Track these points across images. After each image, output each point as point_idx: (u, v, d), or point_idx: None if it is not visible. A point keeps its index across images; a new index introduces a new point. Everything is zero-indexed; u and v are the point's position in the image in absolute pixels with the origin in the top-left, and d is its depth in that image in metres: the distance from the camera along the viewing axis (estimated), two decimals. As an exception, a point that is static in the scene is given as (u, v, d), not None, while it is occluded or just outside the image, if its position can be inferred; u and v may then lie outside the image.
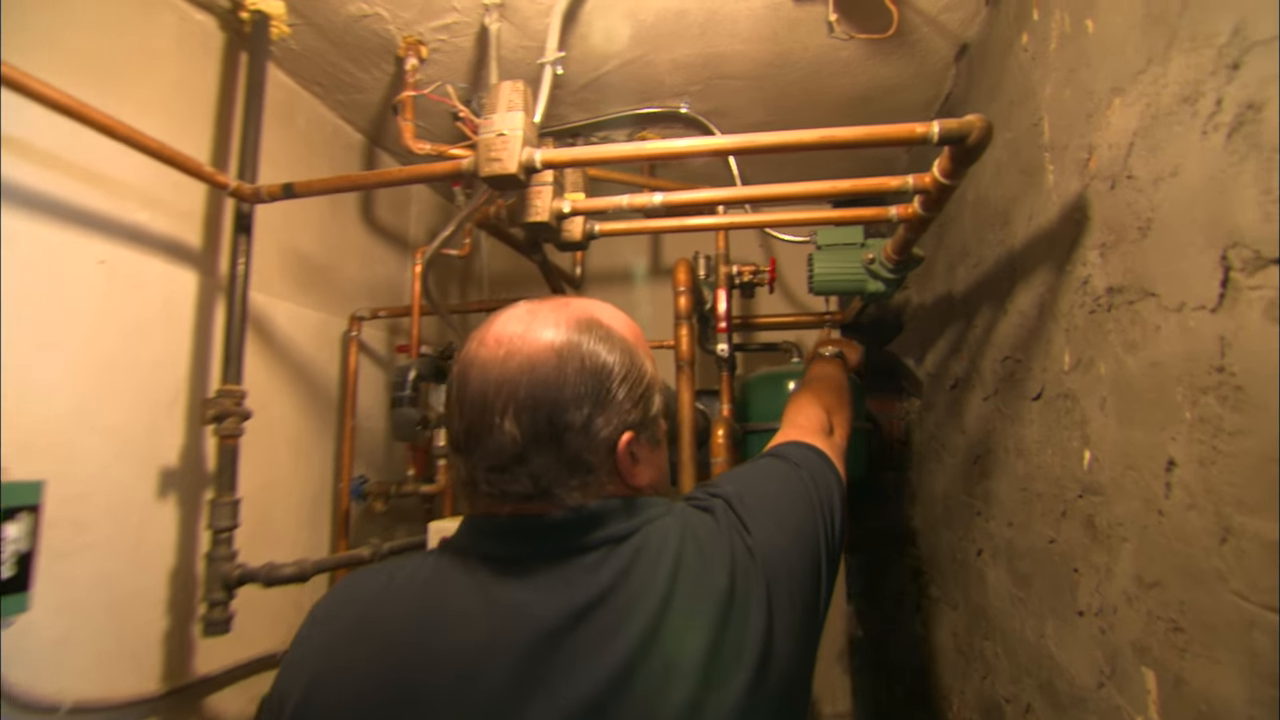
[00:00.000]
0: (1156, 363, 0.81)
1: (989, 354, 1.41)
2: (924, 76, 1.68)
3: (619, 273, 2.57)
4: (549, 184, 1.19)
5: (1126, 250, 0.87)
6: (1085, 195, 0.98)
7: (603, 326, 0.62)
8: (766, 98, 1.78)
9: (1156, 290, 0.81)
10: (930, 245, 1.93)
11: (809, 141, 0.91)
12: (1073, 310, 1.03)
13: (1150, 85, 0.82)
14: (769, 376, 1.89)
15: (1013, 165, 1.28)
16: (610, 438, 0.59)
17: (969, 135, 0.88)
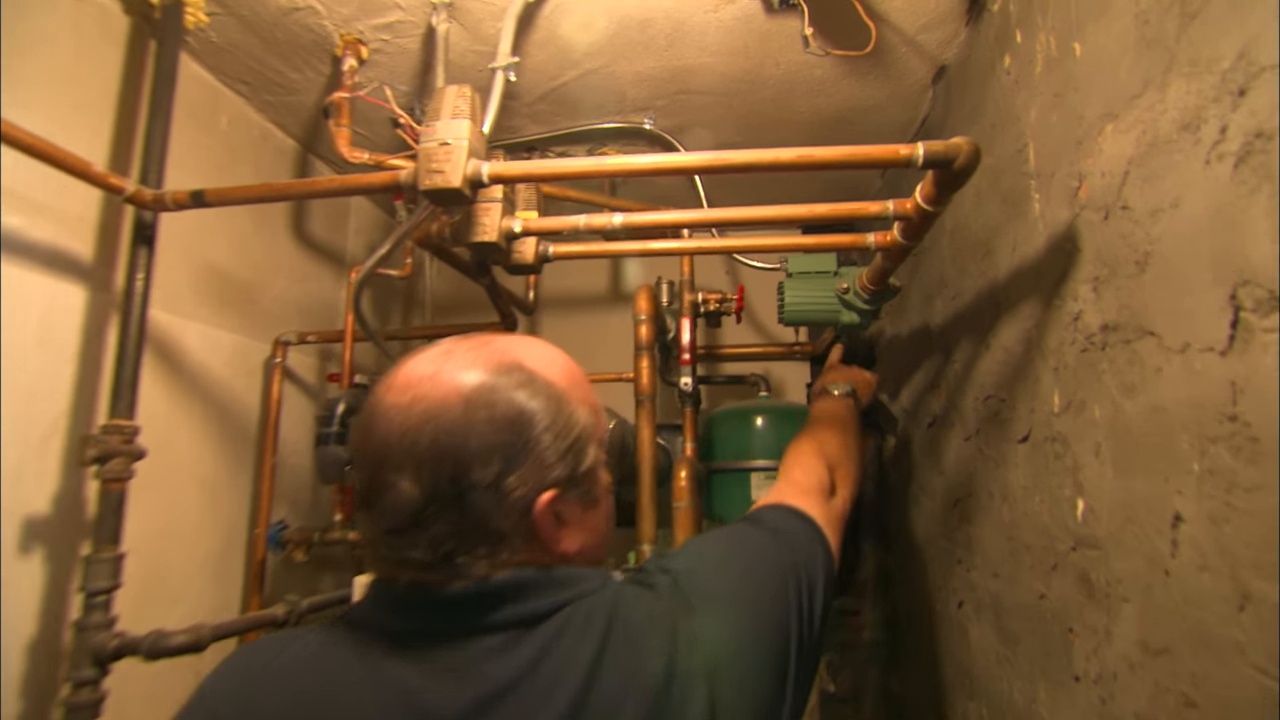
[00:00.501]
0: (1158, 408, 0.78)
1: (970, 391, 1.39)
2: (900, 98, 1.68)
3: (577, 298, 2.52)
4: (498, 201, 1.13)
5: (1122, 285, 0.85)
6: (1075, 226, 0.97)
7: (524, 370, 0.57)
8: (736, 115, 1.77)
9: (1157, 329, 0.79)
10: (905, 275, 1.93)
11: (785, 161, 0.88)
12: (1062, 348, 1.01)
13: (1146, 111, 0.80)
14: (735, 412, 1.85)
15: (994, 193, 1.27)
16: (525, 498, 0.54)
17: (955, 159, 0.86)
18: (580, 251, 1.29)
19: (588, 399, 0.62)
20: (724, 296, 1.76)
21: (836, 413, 1.16)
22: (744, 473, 1.75)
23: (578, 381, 0.62)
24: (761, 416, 1.81)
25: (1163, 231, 0.77)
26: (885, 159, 0.86)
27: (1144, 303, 0.81)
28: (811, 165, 0.88)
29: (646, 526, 1.44)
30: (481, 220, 1.13)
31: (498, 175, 0.96)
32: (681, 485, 1.41)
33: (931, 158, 0.84)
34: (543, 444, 0.55)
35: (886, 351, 2.12)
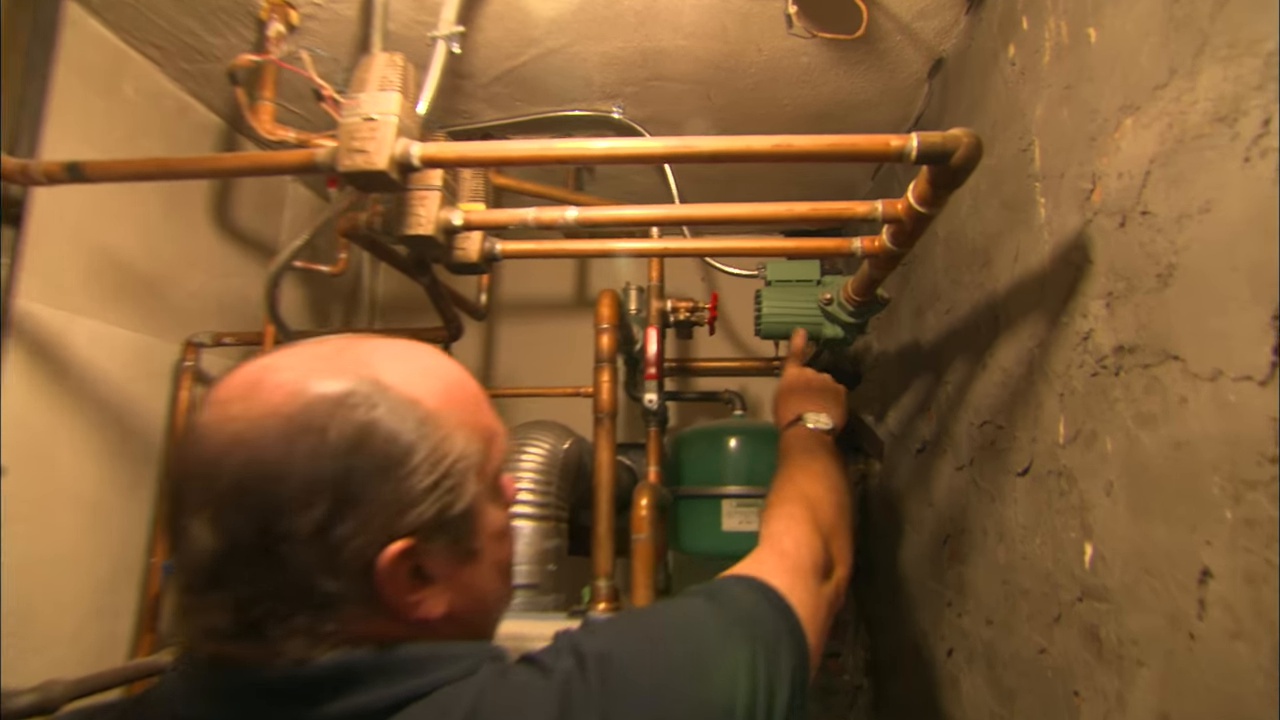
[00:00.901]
0: (1183, 444, 0.72)
1: (964, 416, 1.33)
2: (893, 93, 1.63)
3: (538, 303, 2.44)
4: (436, 189, 1.05)
5: (1141, 302, 0.79)
6: (1086, 233, 0.91)
7: (379, 384, 0.48)
8: (714, 106, 1.70)
9: (1182, 353, 0.72)
10: (894, 286, 1.88)
11: (760, 151, 0.80)
12: (1069, 371, 0.95)
13: (1173, 102, 0.74)
14: (706, 432, 1.78)
15: (994, 196, 1.22)
16: (365, 550, 0.45)
17: (953, 152, 0.79)
18: (532, 250, 1.21)
19: (473, 421, 0.53)
20: (695, 305, 1.69)
21: (820, 453, 1.04)
22: (714, 499, 1.68)
23: (459, 400, 0.53)
24: (735, 437, 1.74)
25: (1190, 240, 0.71)
26: (873, 151, 0.78)
27: (1167, 322, 0.75)
28: (790, 156, 0.81)
29: (603, 559, 1.36)
30: (416, 211, 1.04)
31: (431, 158, 0.87)
32: (641, 514, 1.32)
33: (926, 151, 0.77)
34: (395, 479, 0.46)
35: (873, 369, 2.07)
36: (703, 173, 2.05)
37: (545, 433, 1.36)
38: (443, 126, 1.71)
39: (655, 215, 0.99)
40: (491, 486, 0.55)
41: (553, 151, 0.84)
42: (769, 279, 1.53)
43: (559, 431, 1.40)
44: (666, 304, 1.69)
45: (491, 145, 0.86)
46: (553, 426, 1.41)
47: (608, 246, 1.19)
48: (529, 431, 1.36)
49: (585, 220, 1.02)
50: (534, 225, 1.02)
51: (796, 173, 2.07)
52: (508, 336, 2.42)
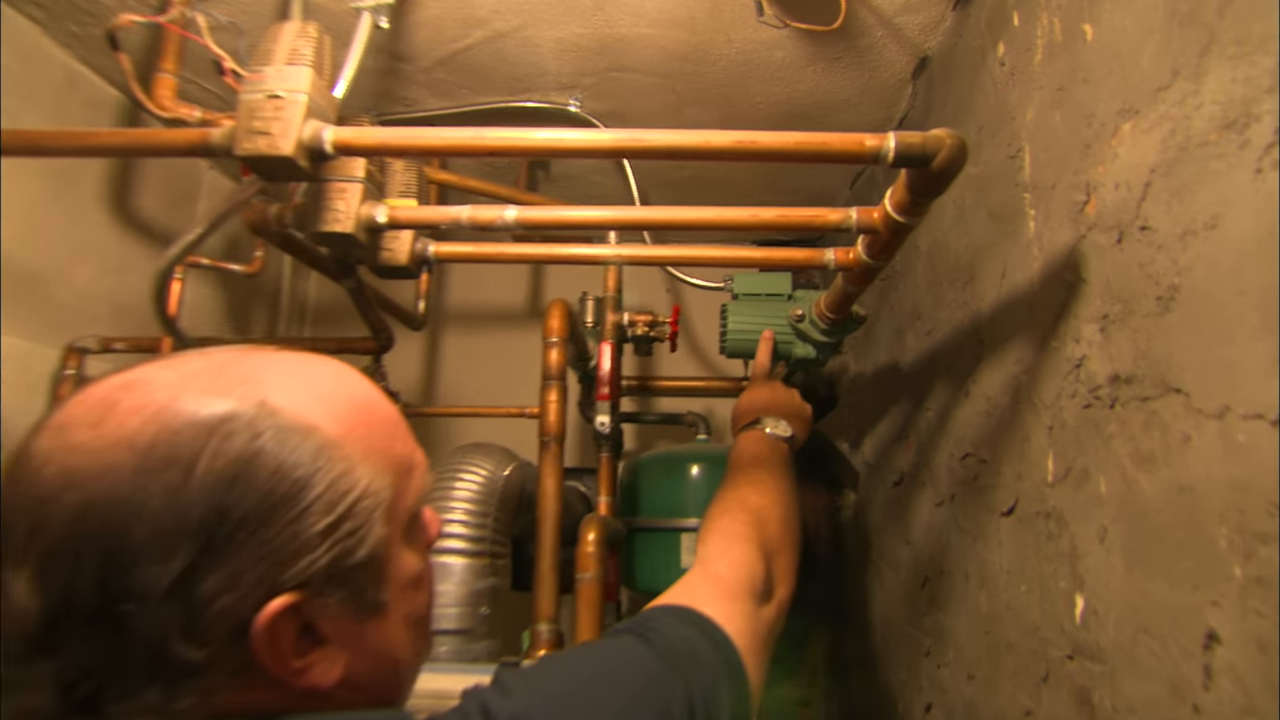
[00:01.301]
0: (1186, 488, 0.68)
1: (944, 447, 1.30)
2: (874, 93, 1.61)
3: (487, 312, 2.38)
4: (358, 181, 0.99)
5: (1139, 327, 0.76)
6: (1080, 250, 0.88)
7: (265, 408, 0.44)
8: (680, 102, 1.67)
9: (1185, 386, 0.69)
10: (872, 302, 1.86)
11: (721, 147, 0.76)
12: (1060, 401, 0.92)
13: (1176, 106, 0.72)
14: (665, 458, 1.74)
15: (980, 207, 1.20)
16: (236, 609, 0.40)
17: (935, 155, 0.76)
18: (470, 254, 1.15)
19: (384, 450, 0.49)
20: (655, 319, 1.65)
21: (773, 463, 1.02)
22: (673, 533, 1.63)
23: (368, 425, 0.48)
24: (698, 464, 1.70)
25: (1195, 259, 0.68)
26: (846, 151, 0.75)
27: (1167, 350, 0.72)
28: (753, 154, 0.76)
29: (545, 600, 1.29)
30: (334, 205, 0.98)
31: (347, 144, 0.82)
32: (588, 551, 1.27)
33: (905, 153, 0.74)
34: (280, 522, 0.42)
35: (849, 392, 2.04)
36: (668, 175, 2.02)
37: (484, 457, 1.30)
38: (379, 114, 1.65)
39: (603, 218, 0.94)
40: (406, 527, 0.51)
41: (485, 141, 0.79)
42: (736, 292, 1.49)
43: (500, 456, 1.34)
44: (623, 317, 1.65)
45: (416, 132, 0.80)
46: (493, 450, 1.35)
47: (554, 252, 1.14)
48: (466, 455, 1.30)
49: (526, 221, 0.97)
50: (468, 225, 0.97)
51: (771, 178, 2.05)
52: (452, 348, 2.36)
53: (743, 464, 1.00)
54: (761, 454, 1.03)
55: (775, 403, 1.16)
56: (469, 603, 1.15)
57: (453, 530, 1.16)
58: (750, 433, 1.09)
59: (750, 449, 1.04)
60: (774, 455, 1.03)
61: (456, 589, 1.14)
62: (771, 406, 1.15)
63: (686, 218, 0.95)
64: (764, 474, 0.96)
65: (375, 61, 1.50)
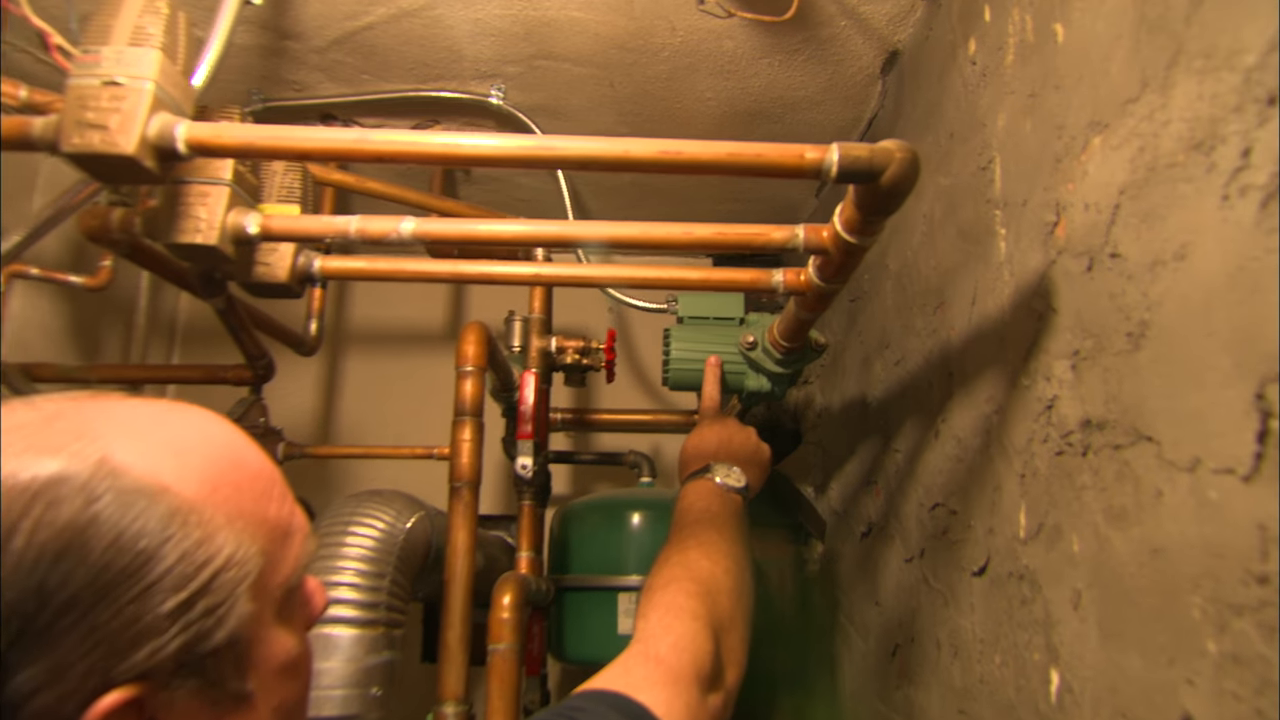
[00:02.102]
0: (1159, 550, 0.71)
1: (913, 494, 1.33)
2: (840, 90, 1.65)
3: (396, 333, 2.37)
4: (224, 184, 0.97)
5: (1110, 366, 0.79)
6: (1050, 276, 0.91)
7: (110, 466, 0.43)
8: (619, 97, 1.69)
9: (1156, 434, 0.72)
10: (840, 326, 1.89)
11: (641, 158, 0.77)
12: (1031, 446, 0.95)
13: (1145, 120, 0.75)
14: (600, 505, 1.74)
15: (950, 224, 1.23)
16: (59, 708, 0.40)
17: (883, 170, 0.77)
18: (363, 271, 1.14)
19: (254, 513, 0.48)
20: (588, 344, 1.65)
21: (724, 520, 1.00)
22: (608, 593, 1.63)
23: (234, 484, 0.48)
24: (639, 512, 1.70)
25: (1164, 293, 0.71)
26: (784, 165, 0.76)
27: (1139, 393, 0.74)
28: (681, 166, 0.78)
29: (452, 677, 1.28)
30: (194, 212, 0.96)
31: (204, 143, 0.81)
32: (502, 617, 1.26)
33: (850, 167, 0.76)
34: (119, 601, 0.41)
35: (815, 428, 2.07)
36: (609, 180, 2.04)
37: (382, 506, 1.29)
38: (264, 99, 1.65)
39: (515, 233, 0.94)
40: (281, 602, 0.50)
41: (371, 145, 0.78)
42: (681, 315, 1.51)
43: (402, 504, 1.33)
44: (550, 343, 1.65)
45: (289, 132, 0.80)
46: (394, 498, 1.34)
47: (464, 270, 1.14)
48: (361, 505, 1.28)
49: (425, 236, 0.97)
50: (357, 239, 0.96)
51: (727, 184, 2.09)
52: (354, 377, 2.34)
53: (689, 521, 0.99)
54: (711, 508, 1.01)
55: (727, 445, 1.15)
56: (358, 683, 1.12)
57: (340, 595, 1.14)
58: (698, 483, 1.07)
59: (698, 502, 1.03)
60: (725, 509, 1.02)
61: (342, 666, 1.11)
62: (723, 450, 1.13)
63: (610, 234, 0.96)
64: (714, 533, 0.95)
65: (257, 38, 1.49)
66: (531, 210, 2.21)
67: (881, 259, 1.56)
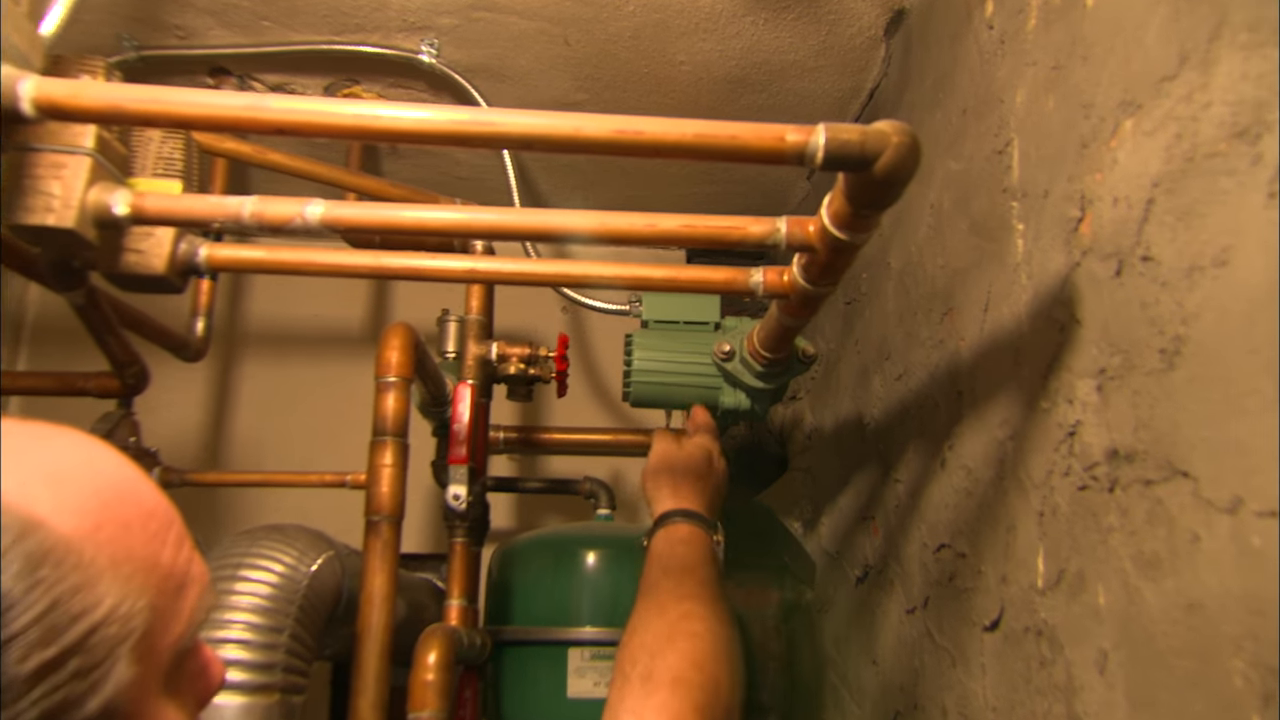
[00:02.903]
0: (1196, 605, 0.72)
1: (916, 533, 1.35)
2: (836, 54, 1.67)
3: (307, 335, 2.36)
4: (84, 154, 0.96)
5: (1140, 388, 0.80)
6: (1074, 281, 0.93)
7: None
8: (575, 58, 1.70)
9: (1192, 469, 0.73)
10: (834, 332, 1.91)
11: (592, 139, 0.77)
12: (1050, 480, 0.96)
13: (1183, 102, 0.76)
14: (549, 543, 1.75)
15: (961, 215, 1.25)
16: None
17: (877, 157, 0.78)
18: (262, 262, 1.13)
19: (143, 559, 0.48)
20: (534, 352, 1.65)
21: (705, 568, 1.06)
22: (557, 647, 1.62)
23: (120, 523, 0.47)
24: (595, 551, 1.70)
25: (1202, 303, 0.72)
26: (762, 149, 0.77)
27: (1172, 420, 0.76)
28: (640, 148, 0.78)
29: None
30: (45, 187, 0.95)
31: (56, 104, 0.76)
32: (425, 679, 1.25)
33: (838, 152, 0.76)
34: None
35: (805, 451, 2.08)
36: (564, 157, 2.05)
37: (282, 545, 1.27)
38: (139, 47, 1.65)
39: (443, 221, 0.94)
40: (169, 669, 0.49)
41: (268, 114, 0.77)
42: (645, 318, 1.51)
43: (307, 543, 1.32)
44: (491, 349, 1.65)
45: (166, 95, 0.78)
46: (297, 535, 1.32)
47: (385, 264, 1.14)
48: (255, 544, 1.26)
49: (336, 223, 0.96)
50: (252, 224, 0.95)
51: (705, 164, 2.09)
52: (253, 387, 2.33)
53: (668, 576, 1.04)
54: (692, 565, 1.06)
55: (668, 467, 1.22)
56: (249, 760, 1.11)
57: (228, 655, 1.12)
58: (672, 530, 1.14)
59: (675, 559, 1.08)
60: (706, 565, 1.07)
61: (232, 740, 1.10)
62: (663, 473, 1.22)
63: (559, 225, 0.96)
64: (696, 603, 0.99)
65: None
66: (472, 191, 2.21)
67: (882, 255, 1.58)
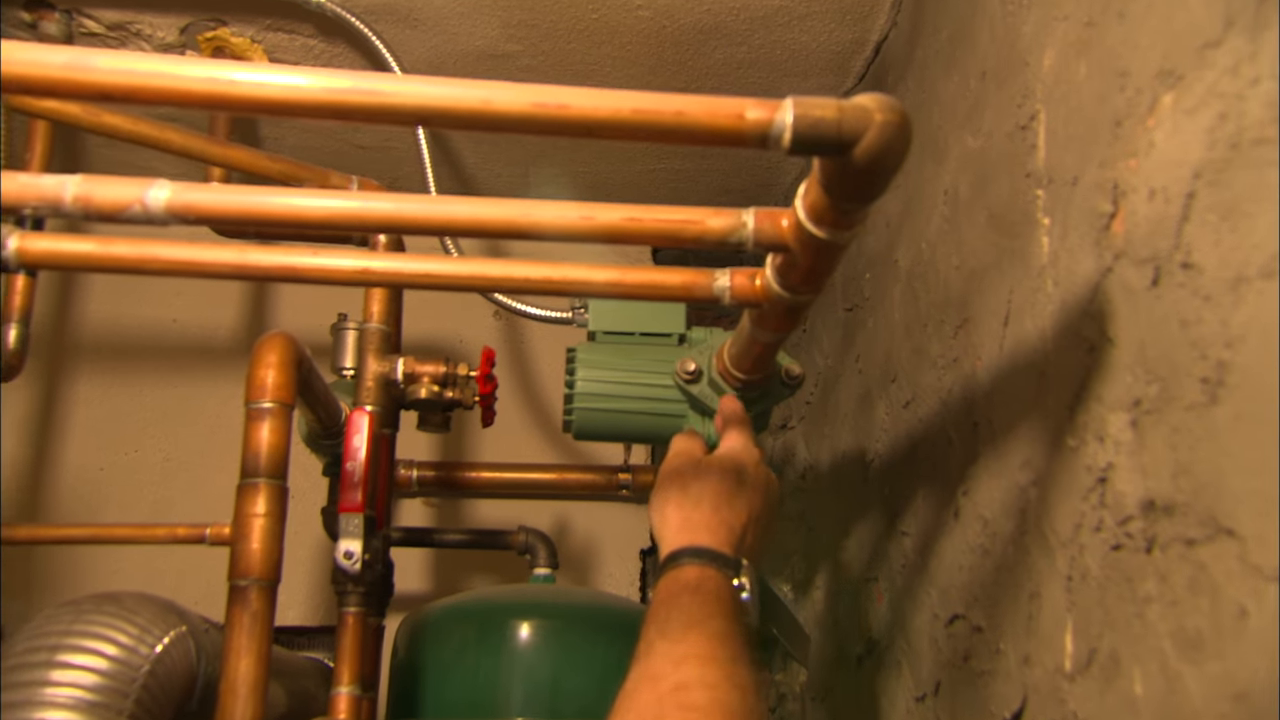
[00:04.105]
0: (1243, 695, 0.75)
1: (926, 600, 1.37)
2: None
3: (159, 345, 2.36)
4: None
5: (1180, 424, 0.83)
6: (1105, 291, 0.96)
7: None
8: (507, 1, 1.72)
9: (1238, 526, 0.76)
10: (833, 344, 1.93)
11: (507, 113, 0.78)
12: (1080, 536, 0.99)
13: (1228, 75, 0.79)
14: (474, 611, 1.77)
15: (978, 204, 1.28)
16: None
17: (855, 140, 0.79)
18: (93, 258, 1.14)
19: None
20: (450, 370, 1.67)
21: (717, 621, 0.96)
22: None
23: None
24: (530, 622, 1.71)
25: (1248, 323, 0.75)
26: (716, 128, 0.78)
27: (1216, 466, 0.79)
28: (568, 127, 0.79)
29: None
30: None
31: None
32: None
33: (809, 133, 0.77)
34: None
35: (796, 494, 2.11)
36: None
37: (116, 620, 1.28)
38: None
39: (324, 213, 0.95)
40: None
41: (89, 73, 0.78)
42: (593, 329, 1.53)
43: (151, 615, 1.32)
44: (396, 366, 1.66)
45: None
46: (140, 606, 1.33)
47: (254, 261, 1.14)
48: (80, 618, 1.27)
49: (186, 210, 0.97)
50: (75, 210, 0.96)
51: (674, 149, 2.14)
52: (85, 414, 2.33)
53: (664, 636, 0.96)
54: (698, 611, 0.98)
55: (682, 478, 1.16)
56: None
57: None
58: (681, 572, 1.05)
59: (680, 602, 1.00)
60: (726, 620, 0.98)
61: None
62: (713, 505, 1.13)
63: (472, 218, 0.96)
64: (706, 664, 0.91)
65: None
66: (376, 163, 2.23)
67: (888, 252, 1.61)
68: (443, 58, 1.90)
